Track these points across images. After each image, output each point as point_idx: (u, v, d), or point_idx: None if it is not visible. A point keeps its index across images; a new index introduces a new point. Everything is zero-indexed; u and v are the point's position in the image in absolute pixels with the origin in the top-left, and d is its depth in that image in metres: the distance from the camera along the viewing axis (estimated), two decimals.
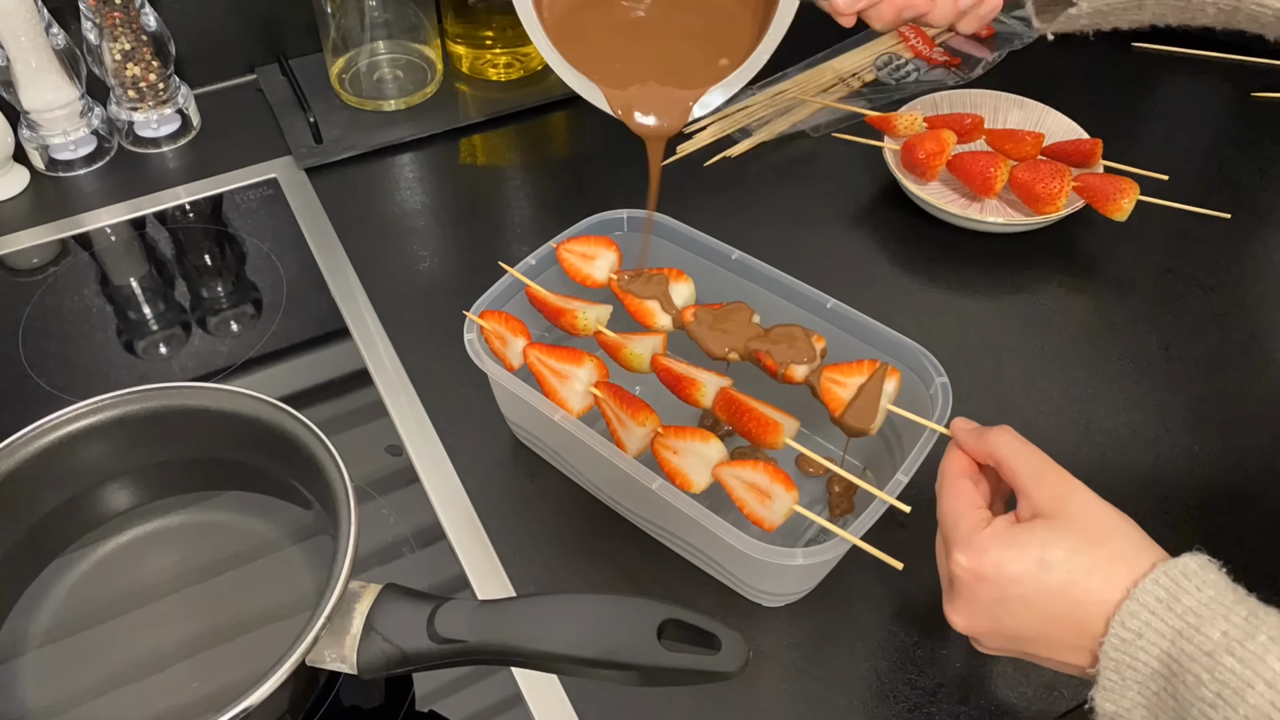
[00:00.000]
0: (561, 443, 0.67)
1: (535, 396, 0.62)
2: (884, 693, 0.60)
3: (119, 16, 0.86)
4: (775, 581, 0.61)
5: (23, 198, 0.90)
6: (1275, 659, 0.41)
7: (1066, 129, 0.90)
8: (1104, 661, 0.45)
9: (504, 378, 0.62)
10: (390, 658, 0.51)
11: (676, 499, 0.57)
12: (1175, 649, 0.44)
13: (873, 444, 0.65)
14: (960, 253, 0.85)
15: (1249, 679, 0.41)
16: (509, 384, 0.62)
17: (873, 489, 0.57)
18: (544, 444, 0.69)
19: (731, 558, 0.61)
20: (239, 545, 0.61)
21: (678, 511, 0.57)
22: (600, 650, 0.48)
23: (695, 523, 0.56)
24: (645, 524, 0.66)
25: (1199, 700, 0.42)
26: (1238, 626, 0.43)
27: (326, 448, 0.57)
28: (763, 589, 0.62)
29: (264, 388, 0.67)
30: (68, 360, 0.77)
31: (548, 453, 0.69)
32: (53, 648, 0.57)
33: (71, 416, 0.59)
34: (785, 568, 0.56)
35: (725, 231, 0.70)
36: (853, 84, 1.01)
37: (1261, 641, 0.42)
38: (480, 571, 0.65)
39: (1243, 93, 1.01)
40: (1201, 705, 0.42)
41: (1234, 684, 0.42)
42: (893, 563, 0.54)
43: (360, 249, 0.85)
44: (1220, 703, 0.42)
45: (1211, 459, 0.71)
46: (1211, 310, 0.81)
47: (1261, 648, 0.42)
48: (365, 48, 0.98)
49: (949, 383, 0.62)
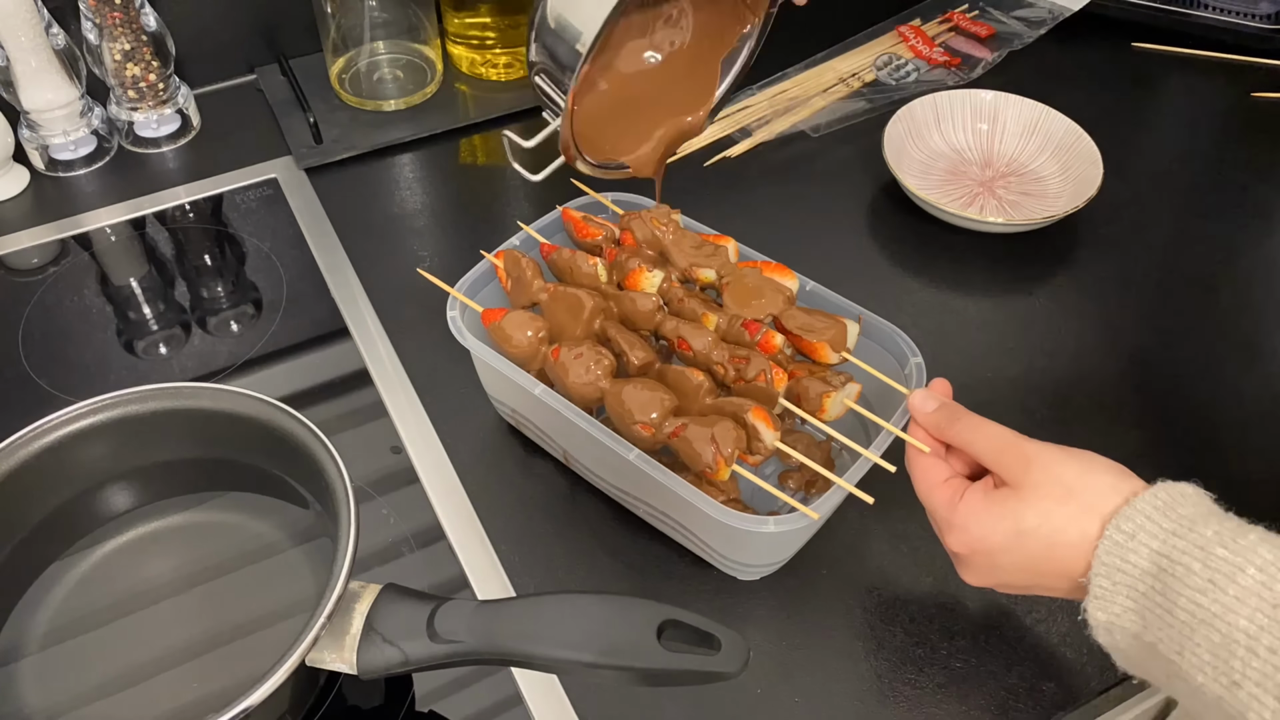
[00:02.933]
0: (542, 416, 0.67)
1: (514, 370, 0.63)
2: (884, 693, 0.60)
3: (119, 16, 0.86)
4: (753, 553, 0.63)
5: (23, 198, 0.90)
6: (1266, 550, 0.43)
7: (1066, 129, 0.90)
8: (1096, 568, 0.47)
9: (485, 353, 0.63)
10: (390, 658, 0.51)
11: (653, 469, 0.58)
12: (1167, 546, 0.45)
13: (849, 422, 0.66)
14: (960, 253, 0.85)
15: (1240, 564, 0.43)
16: (490, 359, 0.63)
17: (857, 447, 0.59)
18: (527, 420, 0.70)
19: (706, 526, 0.61)
20: (239, 546, 0.61)
21: (656, 483, 0.58)
22: (600, 651, 0.48)
23: (674, 493, 0.57)
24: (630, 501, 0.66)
25: (1188, 589, 0.44)
26: (1229, 529, 0.44)
27: (326, 448, 0.57)
28: (739, 560, 0.63)
29: (264, 388, 0.67)
30: (68, 360, 0.77)
31: (532, 430, 0.70)
32: (53, 649, 0.57)
33: (71, 416, 0.59)
34: (760, 535, 0.57)
35: (725, 231, 0.70)
36: (853, 84, 1.01)
37: (1251, 539, 0.44)
38: (480, 571, 0.65)
39: (1243, 93, 1.01)
40: (1191, 593, 0.44)
41: (1225, 569, 0.43)
42: (865, 498, 0.56)
43: (360, 249, 0.85)
44: (1210, 587, 0.43)
45: (1212, 460, 0.71)
46: (1211, 310, 0.81)
47: (1252, 543, 0.44)
48: (365, 48, 0.98)
49: (923, 363, 0.63)
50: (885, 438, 0.60)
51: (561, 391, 0.62)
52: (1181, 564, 0.44)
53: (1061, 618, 0.63)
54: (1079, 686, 0.60)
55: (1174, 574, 0.44)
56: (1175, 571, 0.44)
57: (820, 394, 0.61)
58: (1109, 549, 0.47)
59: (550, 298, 0.66)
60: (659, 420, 0.59)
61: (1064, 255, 0.85)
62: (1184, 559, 0.44)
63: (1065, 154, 0.90)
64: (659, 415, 0.59)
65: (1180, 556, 0.44)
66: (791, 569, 0.65)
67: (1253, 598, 0.42)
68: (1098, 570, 0.47)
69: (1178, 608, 0.44)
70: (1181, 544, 0.45)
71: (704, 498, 0.57)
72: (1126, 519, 0.47)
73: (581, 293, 0.65)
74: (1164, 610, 0.45)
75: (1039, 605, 0.63)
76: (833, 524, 0.66)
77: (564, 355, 0.62)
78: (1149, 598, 0.45)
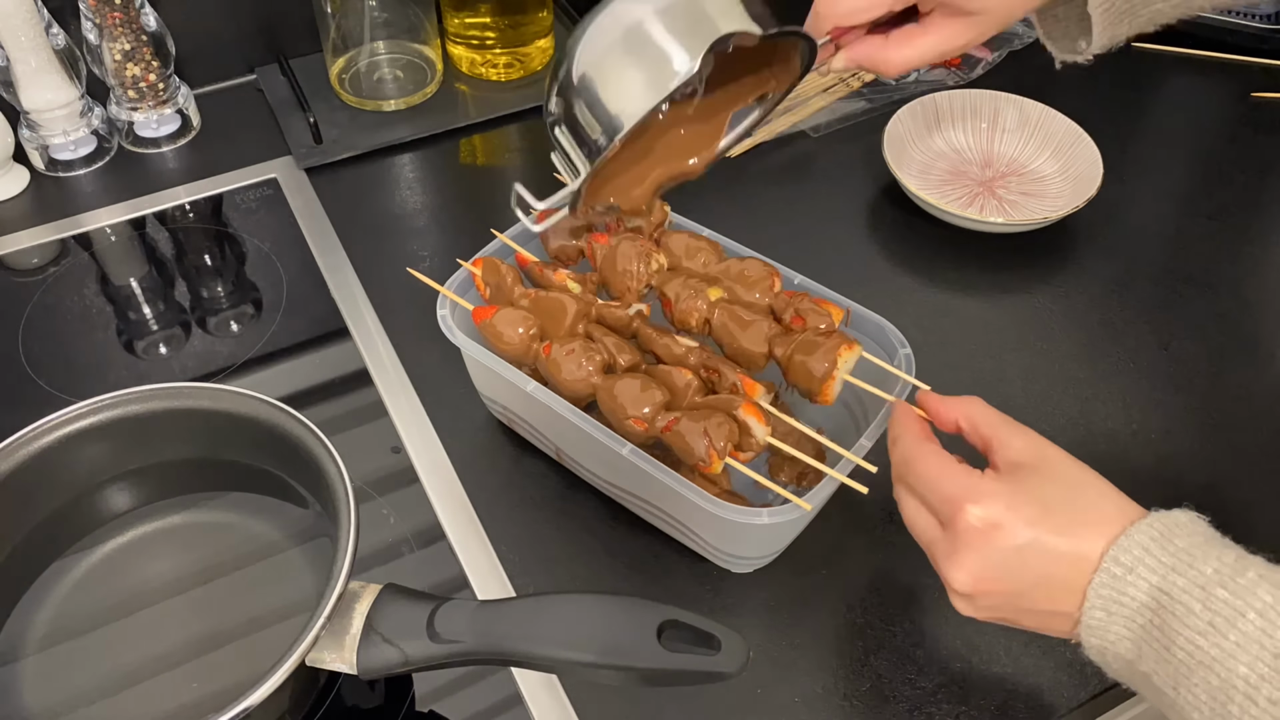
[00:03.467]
0: (534, 413, 0.67)
1: (505, 367, 0.63)
2: (884, 693, 0.60)
3: (119, 16, 0.86)
4: (747, 544, 0.63)
5: (23, 198, 0.90)
6: (1266, 591, 0.42)
7: (1066, 129, 0.90)
8: (1091, 599, 0.46)
9: (476, 351, 0.63)
10: (390, 658, 0.51)
11: (647, 464, 0.58)
12: (1166, 583, 0.44)
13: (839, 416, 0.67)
14: (960, 253, 0.85)
15: (1240, 608, 0.42)
16: (481, 356, 0.63)
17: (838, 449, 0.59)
18: (519, 418, 0.70)
19: (700, 519, 0.62)
20: (239, 546, 0.61)
21: (650, 478, 0.58)
22: (600, 651, 0.48)
23: (668, 487, 0.57)
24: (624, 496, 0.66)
25: (1188, 629, 0.43)
26: (1229, 565, 0.44)
27: (326, 448, 0.57)
28: (734, 553, 0.63)
29: (264, 388, 0.67)
30: (68, 360, 0.77)
31: (524, 428, 0.70)
32: (53, 649, 0.57)
33: (71, 416, 0.59)
34: (753, 527, 0.57)
35: (725, 231, 0.71)
36: (853, 84, 1.01)
37: (1251, 577, 0.43)
38: (480, 571, 0.65)
39: (1243, 93, 1.01)
40: (1190, 634, 0.43)
41: (1225, 613, 0.43)
42: (858, 487, 0.56)
43: (360, 249, 0.85)
44: (1210, 630, 0.43)
45: (1212, 459, 0.71)
46: (1211, 310, 0.81)
47: (1251, 582, 0.43)
48: (365, 48, 0.98)
49: (911, 354, 0.63)
50: (875, 430, 0.60)
51: (553, 388, 0.62)
52: (1181, 603, 0.43)
53: None
54: (1079, 687, 0.60)
55: (1173, 612, 0.44)
56: (1175, 610, 0.44)
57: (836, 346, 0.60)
58: (1105, 581, 0.46)
59: (532, 304, 0.65)
60: (651, 415, 0.59)
61: (1064, 255, 0.85)
62: (1184, 598, 0.43)
63: (1065, 154, 0.90)
64: (651, 410, 0.59)
65: (1180, 595, 0.44)
66: (791, 569, 0.65)
67: (1253, 645, 0.41)
68: (1093, 603, 0.46)
69: (1175, 646, 0.43)
70: (1181, 581, 0.44)
71: (698, 491, 0.57)
72: (1124, 551, 0.45)
73: (564, 297, 0.65)
74: (1161, 647, 0.44)
75: None
76: (833, 523, 0.66)
77: (555, 352, 0.62)
78: (1147, 631, 0.45)
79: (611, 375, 0.61)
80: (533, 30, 0.98)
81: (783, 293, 0.65)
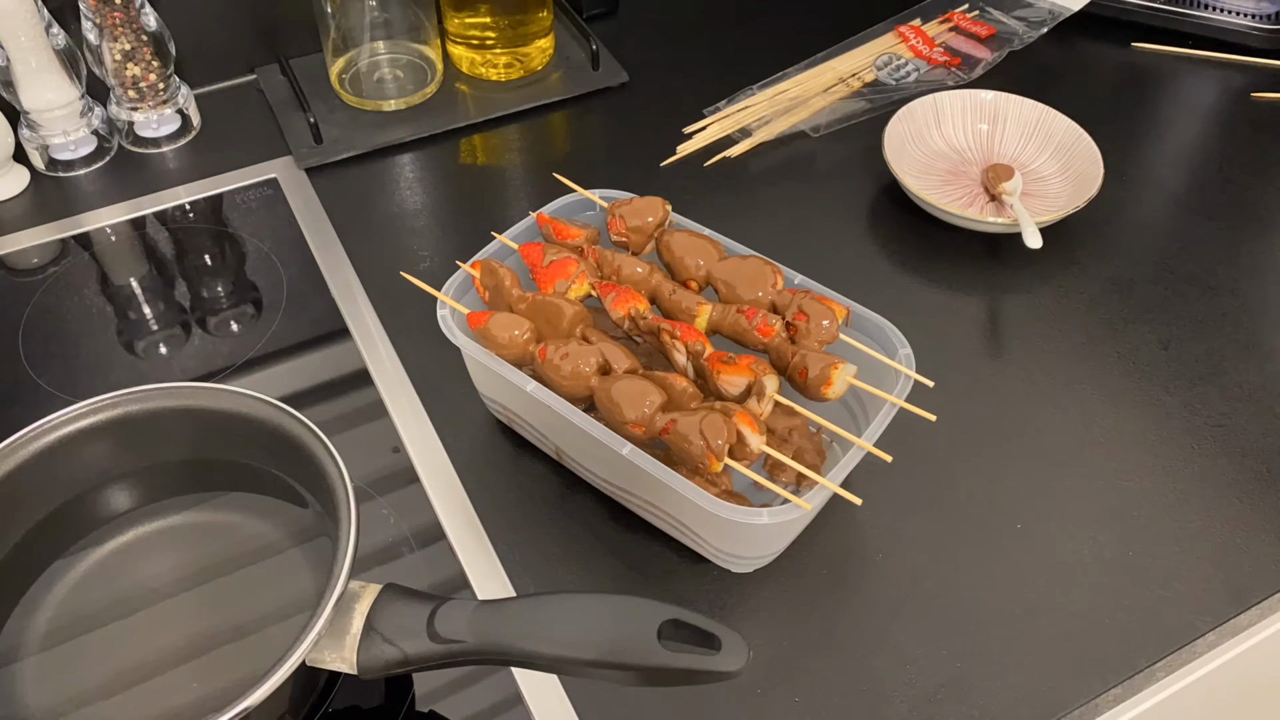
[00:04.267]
0: (534, 413, 0.67)
1: (505, 367, 0.63)
2: (884, 693, 0.60)
3: (119, 16, 0.86)
4: (747, 544, 0.63)
5: (23, 198, 0.90)
6: None
7: (1066, 129, 0.90)
8: None
9: (476, 351, 0.63)
10: (390, 658, 0.51)
11: (647, 464, 0.58)
12: None
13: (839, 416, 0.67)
14: (960, 253, 0.85)
15: None
16: (481, 357, 0.63)
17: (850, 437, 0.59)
18: (519, 418, 0.69)
19: (700, 519, 0.61)
20: (239, 546, 0.61)
21: (650, 478, 0.58)
22: (600, 650, 0.48)
23: (668, 487, 0.57)
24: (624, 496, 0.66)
25: None
26: None
27: (326, 448, 0.57)
28: (734, 552, 0.63)
29: (264, 388, 0.67)
30: (68, 360, 0.77)
31: (524, 428, 0.70)
32: (53, 649, 0.57)
33: (71, 416, 0.59)
34: (753, 527, 0.57)
35: (725, 232, 0.71)
36: (853, 84, 1.01)
37: None
38: (480, 571, 0.65)
39: (1243, 93, 1.01)
40: None
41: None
42: (853, 499, 0.56)
43: (360, 249, 0.85)
44: None
45: (1211, 459, 0.71)
46: (1211, 310, 0.81)
47: None
48: (365, 48, 0.98)
49: (911, 354, 0.64)
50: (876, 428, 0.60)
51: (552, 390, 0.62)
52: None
53: (1062, 618, 0.63)
54: (1079, 687, 0.60)
55: None
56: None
57: (827, 365, 0.60)
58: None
59: (529, 307, 0.65)
60: (649, 416, 0.59)
61: (1064, 255, 0.85)
62: None
63: (1065, 154, 0.90)
64: (649, 410, 0.59)
65: None
66: (791, 569, 0.65)
67: None
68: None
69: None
70: None
71: (698, 491, 0.57)
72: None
73: (561, 301, 0.65)
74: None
75: (1040, 606, 0.63)
76: (833, 523, 0.66)
77: (551, 354, 0.62)
78: None
79: (609, 376, 0.61)
80: (533, 30, 0.98)
81: (785, 290, 0.66)
